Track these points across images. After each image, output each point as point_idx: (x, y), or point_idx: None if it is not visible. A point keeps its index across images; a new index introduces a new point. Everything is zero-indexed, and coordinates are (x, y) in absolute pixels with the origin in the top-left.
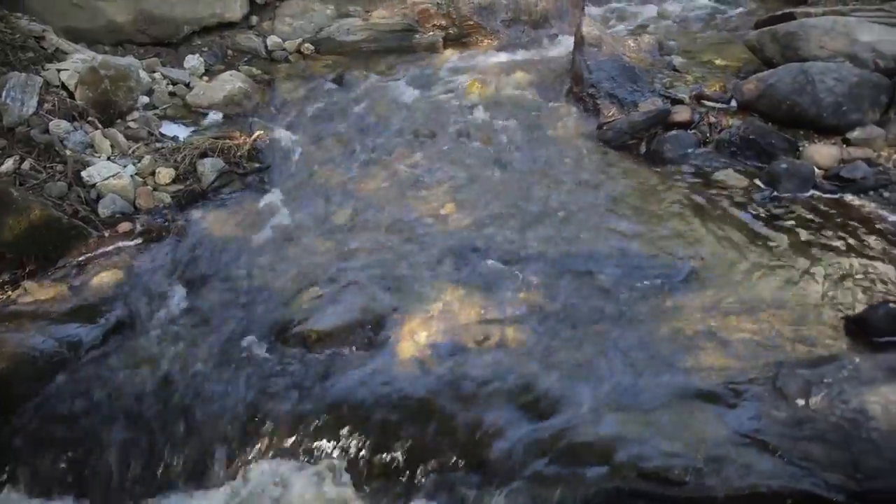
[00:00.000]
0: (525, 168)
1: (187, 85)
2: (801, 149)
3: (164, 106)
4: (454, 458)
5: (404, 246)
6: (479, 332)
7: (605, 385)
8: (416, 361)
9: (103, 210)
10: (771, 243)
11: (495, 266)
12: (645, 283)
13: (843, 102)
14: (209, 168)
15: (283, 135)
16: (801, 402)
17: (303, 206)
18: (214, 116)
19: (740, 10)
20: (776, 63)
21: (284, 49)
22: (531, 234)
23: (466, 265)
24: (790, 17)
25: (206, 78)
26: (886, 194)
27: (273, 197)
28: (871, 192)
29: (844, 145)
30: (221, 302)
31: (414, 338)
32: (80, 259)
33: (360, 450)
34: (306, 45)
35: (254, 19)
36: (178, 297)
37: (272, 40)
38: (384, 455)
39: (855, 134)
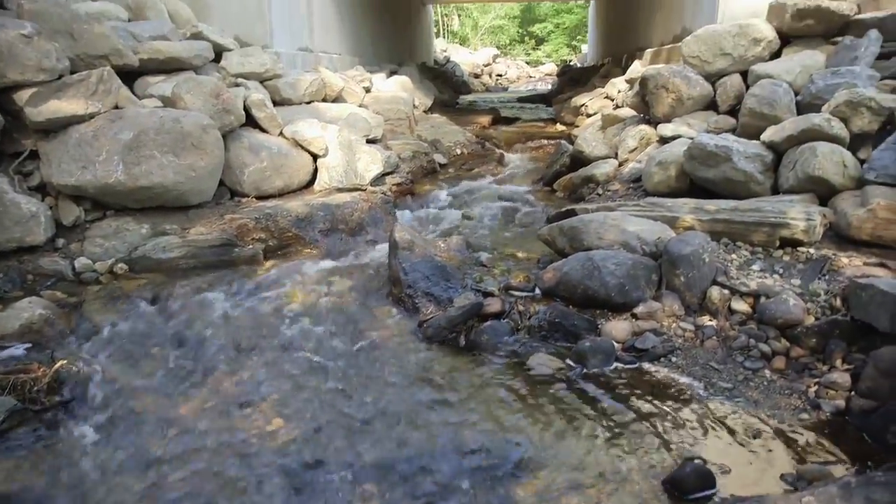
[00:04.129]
0: (351, 373)
1: None
2: (600, 326)
3: None
4: None
5: (230, 471)
6: None
7: None
8: None
9: None
10: (588, 418)
11: (329, 479)
12: (480, 474)
13: (625, 283)
14: None
15: (90, 362)
16: None
17: (113, 440)
18: (9, 349)
19: (532, 208)
20: (567, 253)
21: (95, 270)
22: (362, 440)
23: (298, 483)
24: (572, 213)
25: None
26: (674, 359)
27: (78, 434)
28: (662, 359)
29: (634, 319)
30: None
31: None
32: None
33: None
34: (119, 265)
35: (60, 241)
36: None
37: (81, 262)
38: None
39: (640, 309)
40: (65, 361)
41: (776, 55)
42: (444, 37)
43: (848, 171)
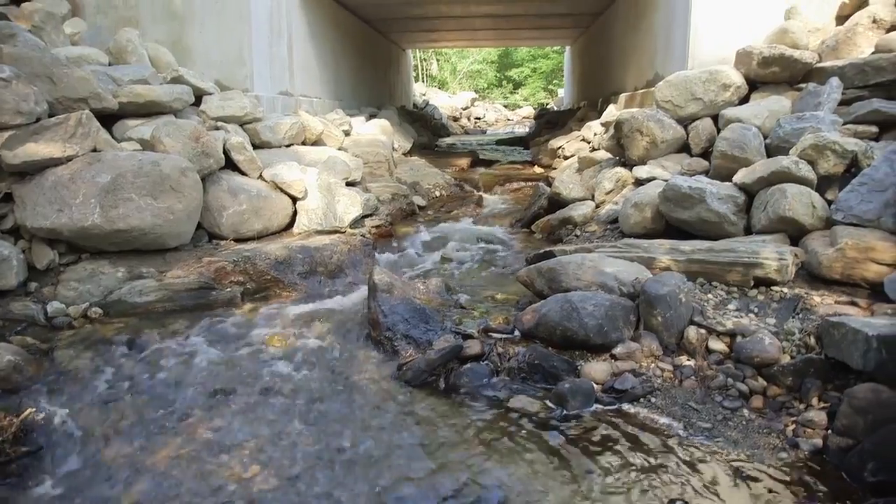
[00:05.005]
0: (330, 418)
1: None
2: (579, 368)
3: None
4: None
5: None
6: None
7: None
8: None
9: None
10: (569, 461)
11: None
12: None
13: (604, 324)
14: None
15: (60, 410)
16: None
17: (82, 492)
18: None
19: (511, 249)
20: (546, 294)
21: (68, 315)
22: (341, 487)
23: None
24: (550, 254)
25: None
26: (654, 399)
27: (45, 487)
28: (642, 400)
29: (613, 360)
30: None
31: None
32: None
33: None
34: (94, 309)
35: (33, 285)
36: None
37: (54, 306)
38: None
39: (618, 350)
40: (33, 410)
41: (745, 100)
42: (423, 81)
43: (817, 211)
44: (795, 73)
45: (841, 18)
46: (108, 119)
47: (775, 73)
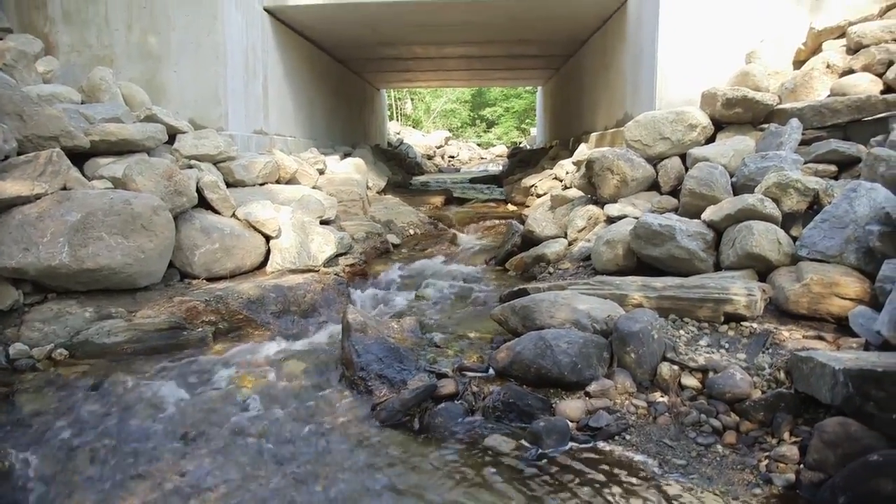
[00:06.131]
0: (303, 460)
1: None
2: (554, 406)
3: None
4: None
5: None
6: None
7: None
8: None
9: None
10: (545, 501)
11: None
12: None
13: (578, 361)
14: None
15: (20, 458)
16: None
17: None
18: None
19: (485, 287)
20: (520, 332)
21: (31, 357)
22: None
23: None
24: (524, 292)
25: None
26: (628, 437)
27: None
28: (617, 437)
29: (587, 398)
30: None
31: None
32: None
33: None
34: (59, 350)
35: None
36: None
37: (16, 348)
38: None
39: (592, 387)
40: None
41: (711, 139)
42: (397, 119)
43: (783, 247)
44: (758, 113)
45: (798, 63)
46: (79, 157)
47: (739, 114)
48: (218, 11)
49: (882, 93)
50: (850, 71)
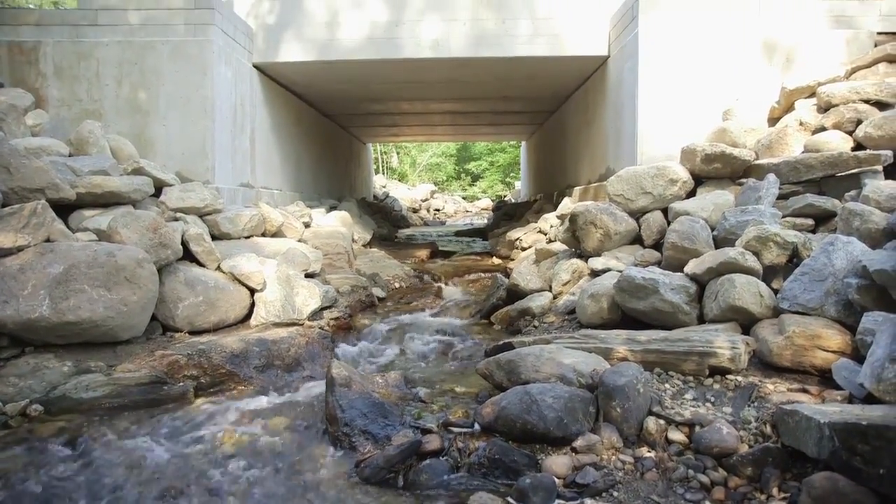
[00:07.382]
0: None
1: None
2: (540, 462)
3: None
4: None
5: None
6: None
7: None
8: None
9: None
10: None
11: None
12: None
13: (563, 416)
14: None
15: None
16: None
17: None
18: None
19: (470, 341)
20: (505, 386)
21: (4, 413)
22: None
23: None
24: (509, 346)
25: None
26: (616, 493)
27: None
28: (604, 494)
29: (574, 453)
30: None
31: None
32: None
33: None
34: (34, 406)
35: None
36: None
37: None
38: None
39: (579, 442)
40: None
41: (692, 194)
42: (383, 173)
43: (764, 300)
44: (736, 168)
45: (772, 120)
46: (65, 209)
47: (718, 169)
48: (207, 68)
49: (853, 149)
50: (822, 128)
